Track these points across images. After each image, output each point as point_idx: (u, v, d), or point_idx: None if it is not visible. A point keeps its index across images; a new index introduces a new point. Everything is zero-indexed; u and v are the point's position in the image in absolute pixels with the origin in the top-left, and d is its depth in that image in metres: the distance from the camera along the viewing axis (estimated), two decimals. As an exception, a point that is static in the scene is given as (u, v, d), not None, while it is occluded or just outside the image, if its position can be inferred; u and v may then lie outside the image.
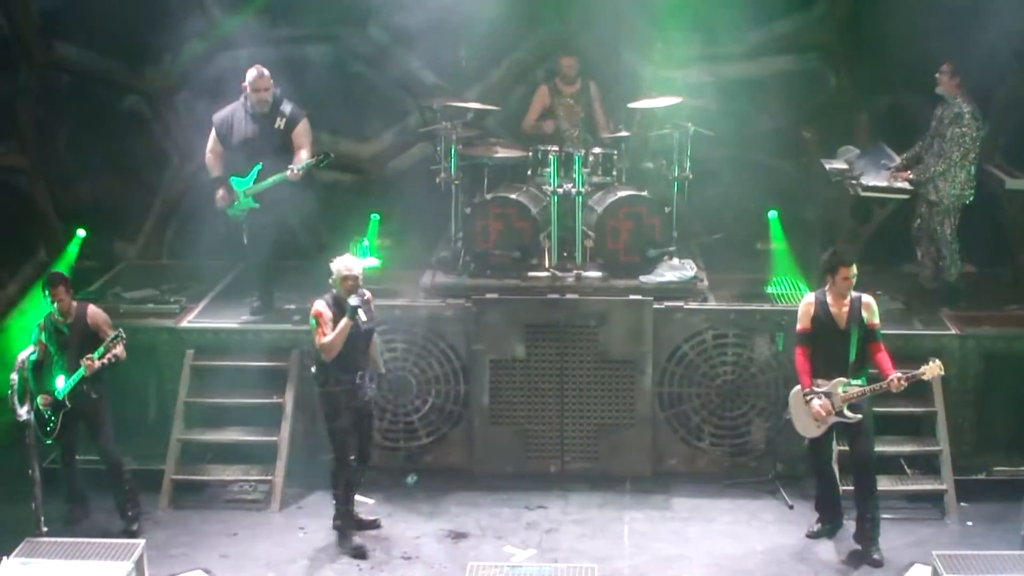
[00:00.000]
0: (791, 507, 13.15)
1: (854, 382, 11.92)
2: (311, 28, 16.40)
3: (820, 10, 16.26)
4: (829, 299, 12.05)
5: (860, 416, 11.89)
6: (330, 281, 12.28)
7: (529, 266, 14.12)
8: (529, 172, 14.76)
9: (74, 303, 12.68)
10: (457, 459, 13.90)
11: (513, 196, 14.25)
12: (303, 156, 13.78)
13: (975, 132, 13.87)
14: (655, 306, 13.60)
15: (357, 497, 13.17)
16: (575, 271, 14.07)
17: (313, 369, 12.43)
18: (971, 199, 14.14)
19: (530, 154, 14.71)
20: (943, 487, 13.05)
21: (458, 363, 13.80)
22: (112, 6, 15.58)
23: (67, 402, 12.51)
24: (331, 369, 12.20)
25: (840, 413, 11.89)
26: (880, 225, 14.78)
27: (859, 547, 12.12)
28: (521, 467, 13.74)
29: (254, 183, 13.74)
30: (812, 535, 12.55)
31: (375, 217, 15.09)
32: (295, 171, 13.64)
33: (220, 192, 13.90)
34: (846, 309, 11.97)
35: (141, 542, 11.17)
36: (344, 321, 12.07)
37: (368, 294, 12.40)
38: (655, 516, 13.07)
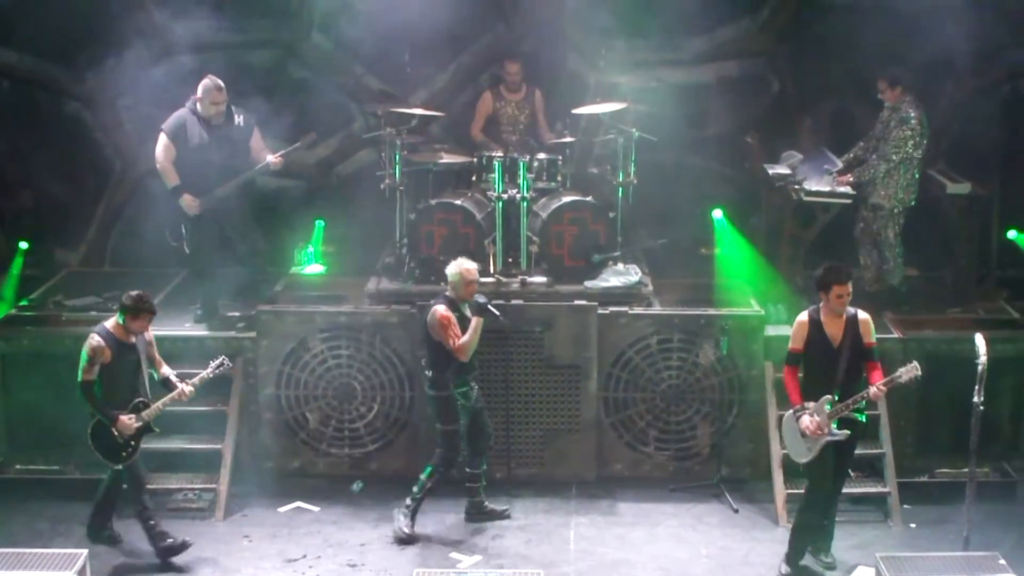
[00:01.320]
0: (736, 511, 13.19)
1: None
2: (255, 34, 16.37)
3: (764, 16, 16.35)
4: (823, 318, 11.65)
5: (848, 433, 11.55)
6: (446, 285, 12.55)
7: (474, 272, 14.11)
8: (474, 178, 14.76)
9: None
10: (403, 465, 13.83)
11: (458, 202, 14.26)
12: (267, 157, 13.96)
13: (918, 137, 13.97)
14: (600, 311, 13.60)
15: (303, 505, 13.18)
16: (520, 277, 14.07)
17: (429, 373, 12.54)
18: (913, 203, 14.26)
19: (475, 160, 14.72)
20: (886, 490, 13.14)
21: (403, 369, 13.76)
22: (53, 11, 15.49)
23: (154, 427, 12.34)
24: (451, 373, 12.41)
25: (829, 432, 11.51)
26: (823, 229, 14.82)
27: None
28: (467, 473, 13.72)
29: (225, 183, 13.79)
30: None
31: (320, 223, 15.07)
32: (278, 158, 13.99)
33: (187, 199, 13.84)
34: (841, 328, 11.61)
35: (84, 552, 11.08)
36: (475, 320, 12.31)
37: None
38: (600, 521, 13.09)
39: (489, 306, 12.41)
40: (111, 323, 12.15)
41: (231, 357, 13.48)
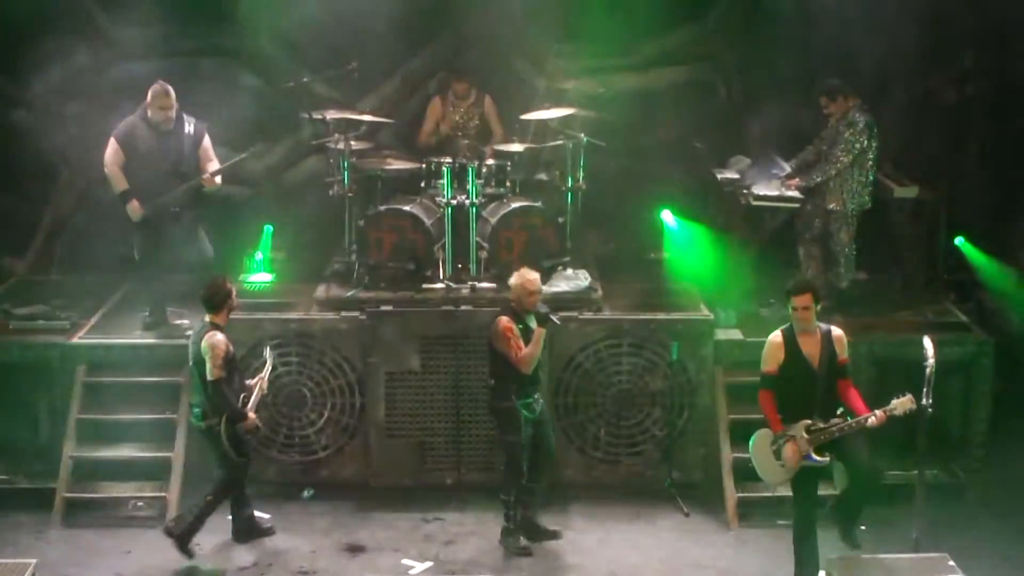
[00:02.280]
0: (687, 514, 13.23)
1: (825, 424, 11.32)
2: (203, 40, 16.30)
3: (711, 22, 16.42)
4: (798, 336, 11.34)
5: (827, 460, 11.32)
6: (509, 296, 12.51)
7: (423, 278, 14.09)
8: (423, 184, 14.71)
9: None
10: (353, 472, 13.83)
11: (407, 208, 14.24)
12: (211, 168, 13.89)
13: (866, 142, 14.04)
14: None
15: (257, 513, 13.10)
16: (469, 282, 14.05)
17: (491, 383, 12.47)
18: (868, 205, 14.33)
19: (423, 166, 14.68)
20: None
21: (353, 376, 13.73)
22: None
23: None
24: (513, 384, 12.29)
25: (807, 457, 11.28)
26: (772, 234, 14.89)
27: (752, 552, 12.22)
28: (418, 479, 13.69)
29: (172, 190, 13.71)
30: None
31: (268, 229, 15.01)
32: (210, 177, 13.81)
33: (133, 204, 13.75)
34: (818, 347, 11.31)
35: (33, 562, 10.99)
36: (537, 331, 12.22)
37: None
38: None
39: (551, 316, 12.31)
40: (214, 321, 12.19)
41: (178, 365, 13.47)
